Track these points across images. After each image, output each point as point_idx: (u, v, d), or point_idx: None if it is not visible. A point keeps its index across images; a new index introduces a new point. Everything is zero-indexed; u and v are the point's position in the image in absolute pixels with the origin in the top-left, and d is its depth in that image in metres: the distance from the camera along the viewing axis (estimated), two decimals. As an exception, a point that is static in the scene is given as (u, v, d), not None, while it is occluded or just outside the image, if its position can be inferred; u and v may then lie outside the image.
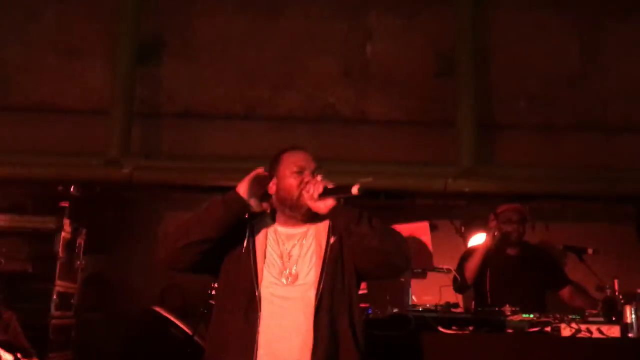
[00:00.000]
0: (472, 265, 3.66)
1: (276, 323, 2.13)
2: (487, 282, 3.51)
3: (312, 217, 2.28)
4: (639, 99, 4.94)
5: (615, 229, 4.90)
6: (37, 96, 4.92)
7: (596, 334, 2.78)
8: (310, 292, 2.15)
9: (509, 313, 2.97)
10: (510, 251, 3.74)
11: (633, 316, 2.82)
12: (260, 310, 2.13)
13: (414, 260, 3.35)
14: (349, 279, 2.21)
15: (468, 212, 4.83)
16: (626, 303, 2.88)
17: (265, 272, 2.19)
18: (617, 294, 2.98)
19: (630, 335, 2.81)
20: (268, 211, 2.30)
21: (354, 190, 2.15)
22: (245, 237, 2.25)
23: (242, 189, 2.20)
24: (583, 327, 2.81)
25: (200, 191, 4.90)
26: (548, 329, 2.85)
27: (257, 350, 2.10)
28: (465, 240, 4.73)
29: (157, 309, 4.05)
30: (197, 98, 5.06)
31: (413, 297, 3.47)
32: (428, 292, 3.90)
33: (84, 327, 4.30)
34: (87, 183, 4.39)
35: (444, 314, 3.02)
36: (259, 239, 2.25)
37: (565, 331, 2.80)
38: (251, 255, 2.21)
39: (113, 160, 4.55)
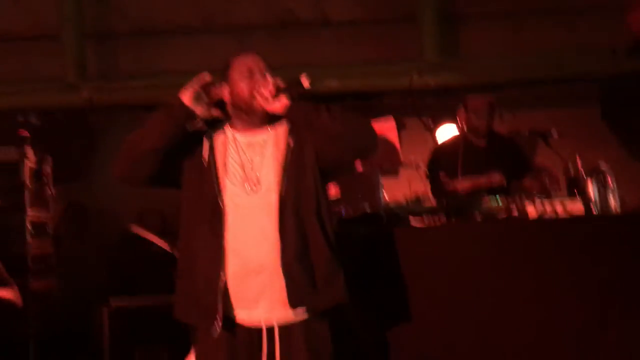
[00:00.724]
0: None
1: (242, 231, 2.14)
2: (459, 175, 3.55)
3: (270, 120, 2.25)
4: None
5: (580, 111, 4.98)
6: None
7: (560, 211, 2.87)
8: (272, 197, 2.15)
9: (479, 199, 3.04)
10: (478, 142, 3.77)
11: (595, 190, 2.91)
12: (225, 221, 2.14)
13: (383, 159, 3.39)
14: (314, 180, 2.21)
15: (436, 108, 4.83)
16: (588, 178, 2.96)
17: (227, 182, 2.18)
18: (580, 171, 3.04)
19: (593, 211, 2.90)
20: (219, 116, 2.26)
21: (304, 82, 2.11)
22: (204, 148, 2.22)
23: (186, 97, 2.15)
24: (548, 206, 2.89)
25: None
26: (515, 211, 2.93)
27: (226, 259, 2.13)
28: (433, 135, 4.77)
29: (136, 229, 4.09)
30: (151, 13, 4.87)
31: (385, 195, 3.53)
32: (400, 190, 3.97)
33: (65, 255, 4.33)
34: (46, 110, 4.28)
35: (414, 208, 3.08)
36: (219, 149, 2.23)
37: (532, 212, 2.88)
38: (212, 166, 2.19)
39: (70, 85, 4.42)
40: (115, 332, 3.65)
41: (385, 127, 3.41)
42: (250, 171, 2.19)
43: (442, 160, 3.73)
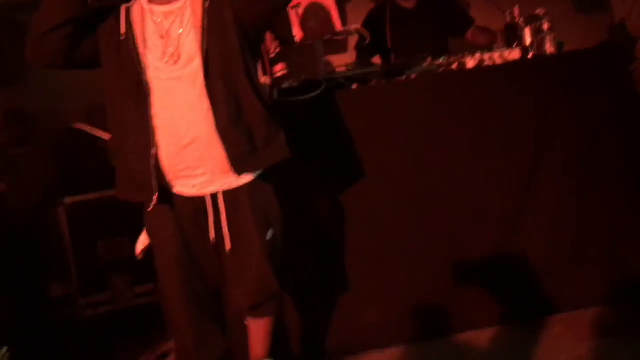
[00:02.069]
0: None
1: (169, 103, 2.10)
2: (388, 40, 3.48)
3: None
4: None
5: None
6: None
7: (499, 61, 2.88)
8: (196, 64, 2.10)
9: (418, 61, 3.01)
10: (407, 4, 3.67)
11: (533, 37, 2.90)
12: (151, 96, 2.09)
13: (323, 28, 3.30)
14: (238, 40, 2.14)
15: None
16: (526, 26, 2.94)
17: (148, 56, 2.11)
18: (517, 19, 3.01)
19: (530, 55, 2.91)
20: None
21: None
22: (121, 22, 2.12)
23: None
24: (487, 56, 2.89)
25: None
26: (455, 67, 2.93)
27: (155, 134, 2.10)
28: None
29: (80, 126, 4.00)
30: None
31: (331, 66, 3.48)
32: (347, 59, 3.92)
33: (13, 163, 4.24)
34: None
35: (353, 72, 3.05)
36: (137, 22, 2.14)
37: (470, 63, 2.88)
38: (131, 41, 2.11)
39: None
40: (75, 229, 3.66)
41: (320, -4, 3.29)
42: (170, 41, 2.12)
43: (372, 25, 3.64)
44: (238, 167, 2.15)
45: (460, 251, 2.78)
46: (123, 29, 2.12)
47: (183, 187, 2.19)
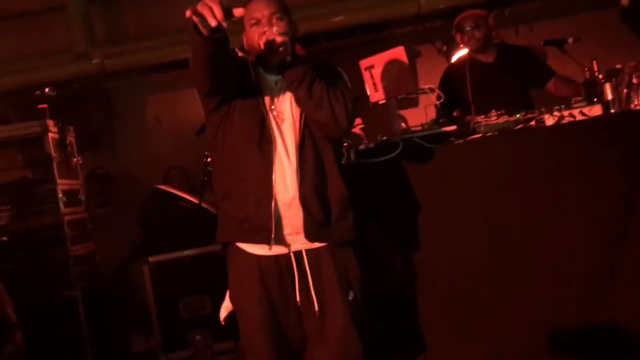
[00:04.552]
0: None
1: (279, 158, 2.22)
2: (469, 94, 3.49)
3: (285, 66, 2.25)
4: None
5: (598, 16, 4.81)
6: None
7: (579, 117, 2.82)
8: (294, 129, 2.23)
9: (495, 118, 3.00)
10: (485, 58, 3.67)
11: (614, 91, 2.83)
12: (273, 142, 2.20)
13: (396, 88, 3.35)
14: None
15: (446, 31, 4.72)
16: (606, 81, 2.88)
17: (273, 112, 2.24)
18: (596, 74, 2.95)
19: (612, 111, 2.84)
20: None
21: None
22: (251, 72, 2.25)
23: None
24: (566, 113, 2.84)
25: (177, 67, 4.85)
26: (533, 123, 2.89)
27: (274, 179, 2.19)
28: (448, 59, 4.68)
29: (162, 187, 4.17)
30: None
31: (403, 124, 3.50)
32: (419, 117, 3.94)
33: (100, 223, 4.46)
34: (61, 81, 4.35)
35: (429, 131, 3.06)
36: (263, 77, 2.29)
37: (549, 121, 2.83)
38: (259, 91, 2.24)
39: (81, 54, 4.47)
40: (158, 287, 3.77)
41: (395, 55, 3.35)
42: (277, 103, 2.25)
43: (450, 81, 3.67)
44: (309, 235, 2.22)
45: (543, 317, 2.66)
46: (254, 78, 2.25)
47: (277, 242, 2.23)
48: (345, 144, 3.04)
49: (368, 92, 3.33)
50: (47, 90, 4.02)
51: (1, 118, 4.06)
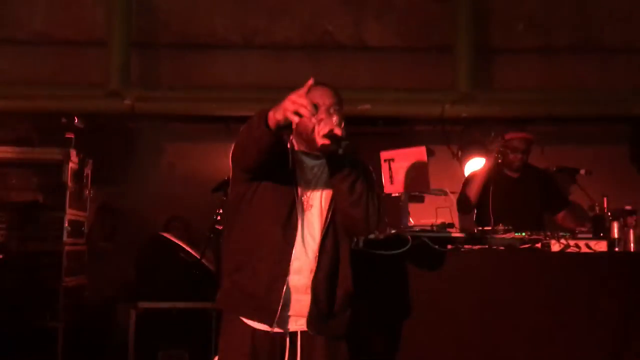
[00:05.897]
0: (475, 186, 3.78)
1: (299, 243, 2.26)
2: (490, 202, 3.61)
3: (334, 157, 2.29)
4: (636, 20, 4.94)
5: (609, 150, 5.01)
6: (32, 27, 4.92)
7: (584, 249, 2.92)
8: (320, 218, 2.28)
9: (501, 232, 3.10)
10: (512, 173, 3.85)
11: (620, 232, 2.96)
12: (298, 227, 2.25)
13: (413, 185, 3.47)
14: None
15: (464, 137, 4.91)
16: (614, 220, 3.01)
17: (303, 196, 2.29)
18: (605, 211, 3.09)
19: (616, 249, 2.95)
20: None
21: (339, 149, 2.16)
22: (289, 153, 2.31)
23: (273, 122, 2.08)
24: (572, 242, 2.95)
25: (200, 121, 5.00)
26: (539, 245, 3.00)
27: (291, 264, 2.23)
28: (461, 164, 4.83)
29: (166, 234, 4.20)
30: (194, 27, 5.06)
31: (411, 219, 3.60)
32: (426, 215, 4.04)
33: (96, 255, 4.46)
34: (90, 115, 4.45)
35: (439, 233, 3.15)
36: (298, 161, 2.34)
37: (555, 247, 2.93)
38: (292, 174, 2.29)
39: (114, 92, 4.60)
40: (141, 334, 3.75)
41: (416, 153, 3.48)
42: (305, 189, 2.31)
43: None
44: (310, 326, 2.25)
45: None
46: (290, 160, 2.30)
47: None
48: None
49: (383, 182, 3.45)
50: (76, 120, 4.11)
51: (23, 139, 4.12)
